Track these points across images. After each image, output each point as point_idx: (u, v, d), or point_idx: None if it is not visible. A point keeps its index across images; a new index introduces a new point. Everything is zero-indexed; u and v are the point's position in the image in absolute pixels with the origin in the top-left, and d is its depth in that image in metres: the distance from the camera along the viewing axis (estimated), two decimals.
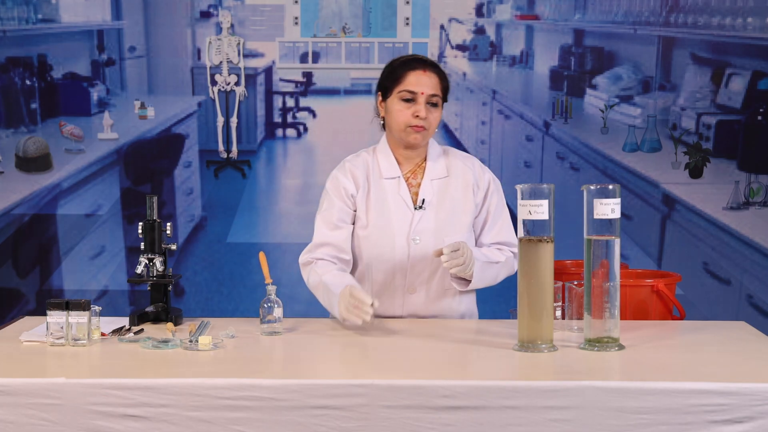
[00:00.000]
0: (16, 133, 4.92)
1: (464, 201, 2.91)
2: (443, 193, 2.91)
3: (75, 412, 2.17)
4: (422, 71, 2.84)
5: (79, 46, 4.92)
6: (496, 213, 2.94)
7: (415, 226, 2.88)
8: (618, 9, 4.88)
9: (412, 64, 2.86)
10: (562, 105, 4.91)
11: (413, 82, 2.83)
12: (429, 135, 2.88)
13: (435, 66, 2.88)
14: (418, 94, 2.82)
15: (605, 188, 2.44)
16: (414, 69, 2.85)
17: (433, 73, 2.85)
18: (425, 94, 2.82)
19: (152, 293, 2.85)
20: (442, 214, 2.89)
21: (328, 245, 2.89)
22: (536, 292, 2.45)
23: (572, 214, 3.18)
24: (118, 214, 4.94)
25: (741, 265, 4.83)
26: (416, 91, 2.83)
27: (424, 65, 2.86)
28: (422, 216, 2.88)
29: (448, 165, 2.94)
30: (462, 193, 2.92)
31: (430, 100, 2.83)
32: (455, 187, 2.92)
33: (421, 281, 2.90)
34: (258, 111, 4.98)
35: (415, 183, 2.93)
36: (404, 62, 2.88)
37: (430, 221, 2.88)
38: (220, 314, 4.82)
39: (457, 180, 2.92)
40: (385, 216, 2.88)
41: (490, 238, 2.94)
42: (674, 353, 2.48)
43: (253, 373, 2.26)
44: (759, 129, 4.81)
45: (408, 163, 2.94)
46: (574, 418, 2.14)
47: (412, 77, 2.84)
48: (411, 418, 2.15)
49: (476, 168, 2.96)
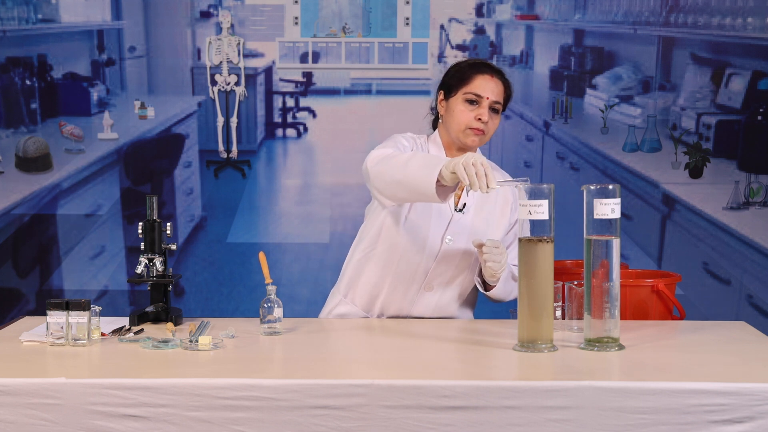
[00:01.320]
0: (16, 133, 4.92)
1: (500, 216, 2.95)
2: (482, 203, 2.94)
3: (75, 412, 2.17)
4: (490, 76, 2.87)
5: (79, 46, 4.92)
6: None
7: (451, 227, 2.90)
8: (618, 9, 4.88)
9: (480, 68, 2.88)
10: (562, 105, 4.91)
11: (480, 85, 2.85)
12: (485, 140, 2.90)
13: (502, 74, 2.91)
14: (483, 98, 2.84)
15: (605, 188, 2.44)
16: (483, 73, 2.87)
17: (500, 81, 2.88)
18: (490, 99, 2.84)
19: (152, 293, 2.85)
20: (478, 223, 2.92)
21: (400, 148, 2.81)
22: (536, 292, 2.45)
23: (572, 214, 3.18)
24: (118, 214, 4.94)
25: (741, 265, 4.83)
26: (482, 95, 2.84)
27: (492, 71, 2.89)
28: (460, 219, 2.91)
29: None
30: (500, 209, 2.95)
31: (492, 106, 2.85)
32: (495, 201, 2.95)
33: (440, 282, 2.92)
34: (258, 111, 4.98)
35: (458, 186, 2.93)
36: (473, 65, 2.90)
37: (466, 225, 2.91)
38: (220, 314, 4.82)
39: (498, 195, 2.95)
40: (424, 211, 2.89)
41: (510, 258, 2.93)
42: (674, 353, 2.48)
43: (253, 373, 2.26)
44: (759, 129, 4.81)
45: None
46: (573, 418, 2.14)
47: (480, 81, 2.86)
48: (411, 418, 2.15)
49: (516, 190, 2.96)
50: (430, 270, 2.91)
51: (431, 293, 2.93)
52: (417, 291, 2.92)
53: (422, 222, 2.89)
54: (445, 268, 2.91)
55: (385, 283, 2.93)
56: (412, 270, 2.91)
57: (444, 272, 2.91)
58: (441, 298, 2.93)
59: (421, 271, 2.91)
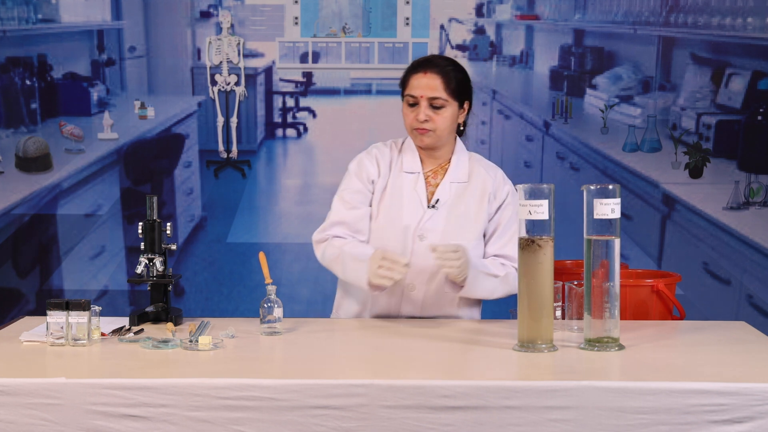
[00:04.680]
0: (16, 133, 4.92)
1: (478, 209, 2.91)
2: (459, 197, 2.91)
3: (75, 412, 2.17)
4: (423, 74, 2.84)
5: (79, 46, 4.92)
6: (506, 226, 2.91)
7: (424, 224, 2.88)
8: (618, 9, 4.88)
9: (415, 68, 2.87)
10: (562, 105, 4.91)
11: (413, 85, 2.85)
12: (439, 136, 2.87)
13: (439, 66, 2.85)
14: (418, 98, 2.83)
15: (605, 188, 2.44)
16: (416, 72, 2.86)
17: (436, 75, 2.83)
18: (425, 97, 2.82)
19: (152, 293, 2.85)
20: (454, 217, 2.89)
21: (344, 224, 2.89)
22: (536, 292, 2.45)
23: (572, 214, 3.18)
24: (118, 214, 4.94)
25: (741, 265, 4.83)
26: (416, 94, 2.84)
27: (427, 67, 2.85)
28: (433, 215, 2.88)
29: (471, 171, 2.94)
30: (477, 201, 2.91)
31: (432, 103, 2.83)
32: (472, 193, 2.92)
33: (422, 280, 2.89)
34: (258, 111, 4.98)
35: (434, 182, 2.93)
36: (411, 66, 2.90)
37: (439, 222, 2.88)
38: (220, 314, 4.82)
39: (475, 187, 2.92)
40: (397, 209, 2.89)
41: (494, 249, 2.92)
42: (674, 353, 2.48)
43: (253, 373, 2.26)
44: (759, 129, 4.81)
45: (431, 161, 2.94)
46: (573, 418, 2.14)
47: (413, 81, 2.85)
48: (411, 418, 2.15)
49: (498, 178, 2.95)
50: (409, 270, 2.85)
51: (415, 293, 2.90)
52: (401, 292, 2.89)
53: (394, 219, 2.89)
54: (423, 267, 2.86)
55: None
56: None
57: (423, 271, 2.87)
58: (426, 295, 2.90)
59: None
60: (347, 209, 2.90)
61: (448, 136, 2.90)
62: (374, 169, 2.92)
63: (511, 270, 2.87)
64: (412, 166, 2.93)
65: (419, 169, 2.92)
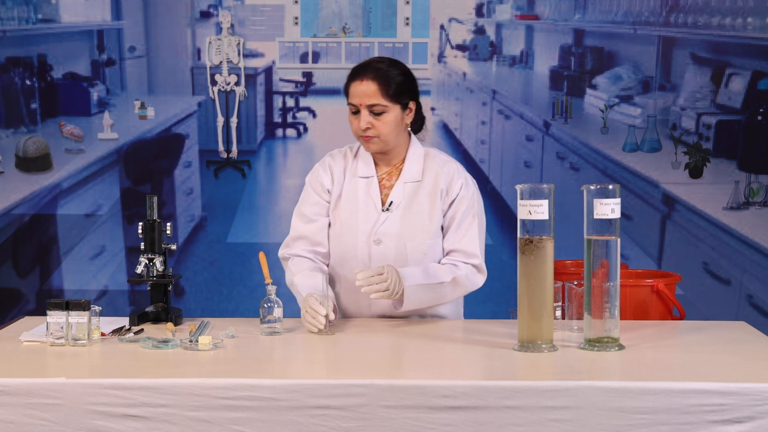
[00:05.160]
0: (16, 133, 4.92)
1: (431, 206, 2.89)
2: (413, 198, 2.89)
3: (75, 412, 2.17)
4: (360, 81, 2.82)
5: (79, 46, 4.92)
6: (460, 220, 2.88)
7: (378, 228, 2.87)
8: (618, 9, 4.88)
9: (352, 76, 2.86)
10: (562, 105, 4.91)
11: (352, 94, 2.84)
12: (385, 141, 2.85)
13: (376, 71, 2.82)
14: (358, 106, 2.82)
15: (605, 188, 2.44)
16: (354, 80, 2.84)
17: (372, 81, 2.80)
18: (364, 105, 2.81)
19: (152, 293, 2.85)
20: (408, 218, 2.87)
21: (303, 239, 2.92)
22: (536, 292, 2.45)
23: (572, 214, 3.18)
24: (118, 214, 4.94)
25: (741, 265, 4.83)
26: (355, 102, 2.83)
27: (363, 74, 2.82)
28: (387, 218, 2.87)
29: (424, 168, 2.92)
30: (430, 199, 2.89)
31: (372, 110, 2.81)
32: (425, 192, 2.89)
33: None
34: (258, 111, 4.98)
35: (388, 185, 2.92)
36: (350, 73, 2.88)
37: (394, 224, 2.87)
38: (220, 314, 4.82)
39: (428, 185, 2.90)
40: (352, 214, 2.89)
41: (450, 244, 2.89)
42: (674, 353, 2.48)
43: (253, 373, 2.26)
44: (759, 129, 4.81)
45: (385, 164, 2.94)
46: (573, 418, 2.14)
47: (352, 89, 2.84)
48: (411, 418, 2.15)
49: (451, 173, 2.90)
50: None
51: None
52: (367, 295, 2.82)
53: (350, 225, 2.88)
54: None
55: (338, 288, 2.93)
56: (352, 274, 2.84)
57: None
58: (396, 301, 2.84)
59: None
60: (305, 223, 2.92)
61: (396, 139, 2.88)
62: (328, 178, 2.94)
63: (463, 270, 2.84)
64: (365, 170, 2.92)
65: (373, 173, 2.92)
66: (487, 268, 2.89)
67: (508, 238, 4.80)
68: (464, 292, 2.88)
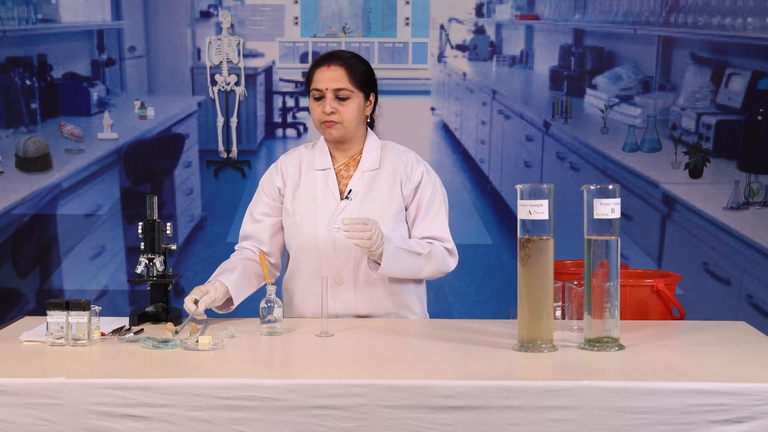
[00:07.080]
0: (16, 133, 4.92)
1: (390, 192, 2.93)
2: (371, 185, 2.93)
3: (75, 412, 2.17)
4: (326, 67, 2.89)
5: (79, 46, 4.92)
6: (427, 206, 2.93)
7: (337, 215, 2.89)
8: (618, 9, 4.88)
9: (318, 62, 2.92)
10: (562, 105, 4.91)
11: (317, 79, 2.89)
12: (347, 129, 2.90)
13: (342, 59, 2.90)
14: (323, 91, 2.87)
15: (605, 188, 2.44)
16: (319, 66, 2.90)
17: (339, 67, 2.88)
18: (330, 89, 2.86)
19: (152, 293, 2.85)
20: (367, 205, 2.91)
21: (249, 238, 3.03)
22: (536, 292, 2.45)
23: (572, 214, 3.18)
24: (118, 214, 4.94)
25: (741, 265, 4.83)
26: (320, 87, 2.87)
27: (329, 60, 2.90)
28: (347, 206, 2.91)
29: (382, 158, 2.97)
30: (389, 185, 2.93)
31: (338, 95, 2.87)
32: (383, 178, 2.94)
33: (348, 271, 2.90)
34: (258, 111, 4.98)
35: (347, 175, 2.96)
36: (315, 61, 2.94)
37: (354, 211, 2.90)
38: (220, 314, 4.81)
39: (386, 172, 2.95)
40: (311, 206, 2.93)
41: (419, 232, 2.93)
42: (674, 353, 2.48)
43: (253, 373, 2.26)
44: (759, 129, 4.81)
45: (342, 156, 2.98)
46: (573, 418, 2.14)
47: (317, 75, 2.89)
48: (411, 418, 2.15)
49: (410, 161, 2.97)
50: (332, 262, 2.89)
51: (345, 286, 2.90)
52: (332, 286, 2.88)
53: (309, 215, 2.92)
54: (345, 258, 2.89)
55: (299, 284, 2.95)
56: (317, 267, 2.90)
57: (346, 261, 2.89)
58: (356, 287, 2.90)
59: (325, 265, 2.90)
60: (252, 223, 3.03)
61: (357, 128, 2.94)
62: (279, 178, 3.00)
63: (438, 248, 2.89)
64: (322, 163, 2.97)
65: (330, 165, 2.96)
66: (487, 268, 2.90)
67: (508, 238, 4.80)
68: (437, 271, 2.91)
